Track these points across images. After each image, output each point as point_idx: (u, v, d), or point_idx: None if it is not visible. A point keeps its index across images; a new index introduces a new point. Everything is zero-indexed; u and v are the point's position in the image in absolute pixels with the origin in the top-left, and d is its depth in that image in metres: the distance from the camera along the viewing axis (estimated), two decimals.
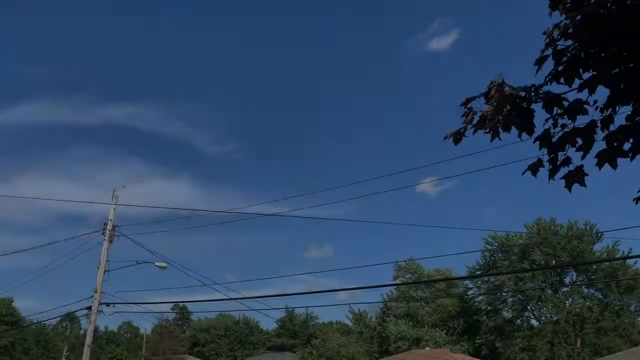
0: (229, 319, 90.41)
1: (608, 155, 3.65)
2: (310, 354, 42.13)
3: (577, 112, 3.60)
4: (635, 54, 3.30)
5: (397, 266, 74.23)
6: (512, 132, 3.89)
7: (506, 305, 61.57)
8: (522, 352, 55.75)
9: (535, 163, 3.74)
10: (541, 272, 57.09)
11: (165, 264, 22.43)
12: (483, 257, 63.42)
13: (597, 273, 57.20)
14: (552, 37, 3.92)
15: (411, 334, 64.23)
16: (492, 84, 3.68)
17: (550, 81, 3.79)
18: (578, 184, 3.70)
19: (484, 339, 61.13)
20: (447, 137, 3.89)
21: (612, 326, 54.33)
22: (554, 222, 59.97)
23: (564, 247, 55.92)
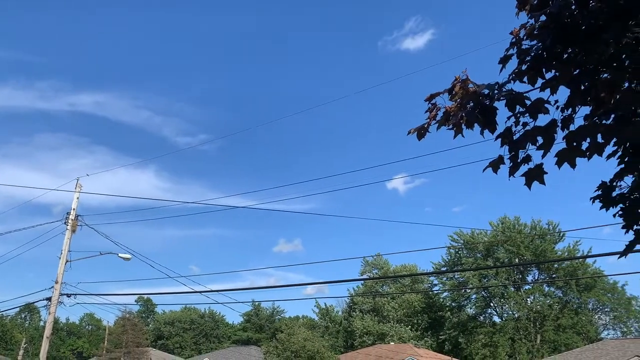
0: (194, 312, 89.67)
1: (567, 155, 3.71)
2: (276, 348, 42.05)
3: (538, 111, 3.64)
4: (595, 56, 3.36)
5: (365, 261, 74.87)
6: (475, 129, 3.92)
7: (470, 301, 62.78)
8: (484, 347, 56.94)
9: (496, 160, 3.77)
10: (504, 269, 58.37)
11: (129, 256, 22.03)
12: (448, 253, 64.46)
13: (558, 272, 58.80)
14: (519, 37, 3.96)
15: (376, 329, 64.87)
16: (456, 80, 3.70)
17: (513, 80, 3.82)
18: (538, 182, 3.75)
19: (447, 335, 62.16)
20: (410, 132, 3.90)
21: (570, 323, 55.94)
22: (518, 221, 61.32)
23: (527, 245, 57.26)
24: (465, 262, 61.14)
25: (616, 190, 4.00)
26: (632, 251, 4.09)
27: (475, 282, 59.07)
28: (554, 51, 3.56)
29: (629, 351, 37.28)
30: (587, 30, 3.29)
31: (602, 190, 4.04)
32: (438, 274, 65.95)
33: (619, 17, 3.18)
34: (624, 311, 59.48)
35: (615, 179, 3.95)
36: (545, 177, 3.80)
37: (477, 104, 3.68)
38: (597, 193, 4.10)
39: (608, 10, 3.19)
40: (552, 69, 3.73)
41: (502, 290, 58.49)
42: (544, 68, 3.74)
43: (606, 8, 3.21)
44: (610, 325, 62.15)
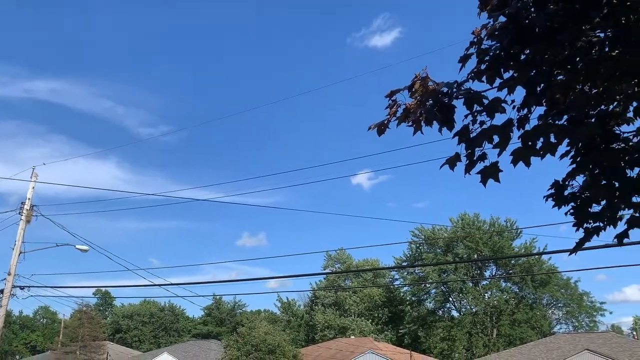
0: (153, 306, 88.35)
1: (522, 154, 3.78)
2: (236, 342, 41.80)
3: (495, 110, 3.70)
4: (550, 57, 3.43)
5: (328, 256, 75.26)
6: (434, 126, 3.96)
7: (429, 296, 63.90)
8: (442, 341, 58.13)
9: (452, 157, 3.82)
10: (463, 265, 59.68)
11: (86, 247, 21.52)
12: (410, 249, 65.44)
13: (515, 268, 60.47)
14: (480, 37, 4.01)
15: (338, 322, 65.35)
16: (416, 77, 3.72)
17: (472, 79, 3.87)
18: (493, 180, 3.82)
19: (407, 329, 63.15)
20: (371, 128, 3.91)
21: (525, 318, 57.62)
22: (477, 217, 62.73)
23: (485, 242, 58.64)
24: (425, 257, 62.16)
25: (568, 189, 4.11)
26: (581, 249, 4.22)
27: (435, 277, 60.17)
28: (511, 52, 3.62)
29: (579, 345, 38.67)
30: (543, 32, 3.35)
31: (555, 189, 4.14)
32: (399, 268, 66.88)
33: (574, 20, 3.25)
34: (576, 306, 61.62)
35: (567, 178, 4.06)
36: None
37: (436, 101, 3.71)
38: (550, 192, 4.21)
39: (564, 13, 3.26)
40: (510, 70, 3.79)
41: (460, 285, 59.80)
42: (502, 68, 3.80)
43: (562, 11, 3.28)
44: (563, 320, 64.40)
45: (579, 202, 4.00)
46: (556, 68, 3.55)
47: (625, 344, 39.70)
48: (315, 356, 46.58)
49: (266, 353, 40.47)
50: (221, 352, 44.32)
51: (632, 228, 3.89)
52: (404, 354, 43.81)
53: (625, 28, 3.42)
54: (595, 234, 4.18)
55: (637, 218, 3.85)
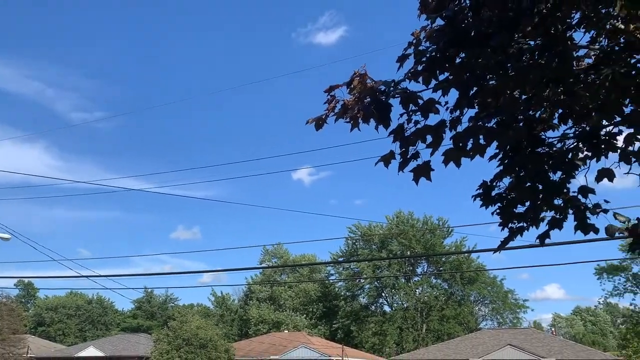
0: (80, 298, 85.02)
1: (453, 154, 3.90)
2: (167, 336, 40.94)
3: (429, 111, 3.79)
4: (483, 62, 3.55)
5: (265, 250, 75.07)
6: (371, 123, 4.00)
7: (363, 291, 65.10)
8: (374, 336, 59.39)
9: (387, 155, 3.89)
10: (397, 261, 61.14)
11: (8, 236, 20.45)
12: (346, 244, 66.32)
13: (445, 265, 62.63)
14: (419, 38, 4.09)
15: (272, 317, 65.35)
16: (355, 74, 3.75)
17: (409, 79, 3.94)
18: (424, 178, 3.91)
19: (340, 323, 64.04)
20: (309, 122, 3.90)
21: (453, 314, 59.77)
22: (411, 215, 64.48)
23: (418, 239, 60.36)
24: (361, 253, 63.26)
25: (495, 190, 4.28)
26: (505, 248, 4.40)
27: (370, 272, 61.36)
28: (447, 54, 3.71)
29: (503, 340, 40.54)
30: (478, 37, 3.46)
31: (482, 190, 4.30)
32: (335, 263, 67.65)
33: (506, 27, 3.37)
34: (501, 303, 64.57)
35: (495, 179, 4.23)
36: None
37: (374, 99, 3.75)
38: (478, 192, 4.36)
39: (498, 19, 3.38)
40: (445, 72, 3.89)
41: (393, 281, 61.27)
42: (438, 70, 3.90)
43: (496, 17, 3.39)
44: (489, 316, 67.30)
45: (505, 202, 4.17)
46: (488, 72, 3.68)
47: (544, 339, 42.03)
48: (247, 350, 46.35)
49: (197, 347, 39.88)
50: (151, 346, 43.25)
51: (553, 229, 4.10)
52: (336, 348, 44.38)
53: (553, 38, 3.58)
54: (519, 233, 4.38)
55: (558, 220, 4.06)
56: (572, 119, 4.20)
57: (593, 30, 4.04)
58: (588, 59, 4.25)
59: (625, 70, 3.71)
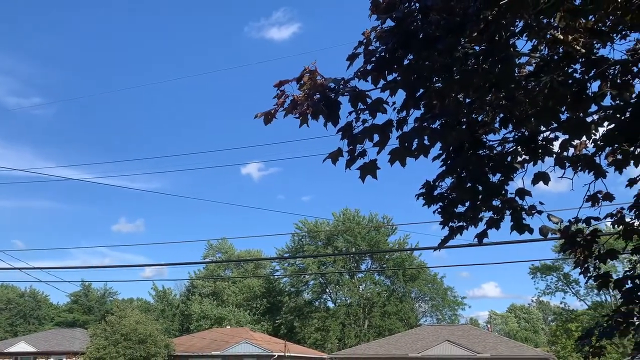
0: (12, 291, 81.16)
1: (399, 154, 3.98)
2: (104, 331, 39.73)
3: (377, 110, 3.84)
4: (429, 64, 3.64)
5: (209, 245, 74.09)
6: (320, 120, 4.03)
7: (308, 287, 65.35)
8: (316, 332, 59.79)
9: (335, 152, 3.92)
10: (342, 258, 61.77)
11: None
12: (292, 240, 66.41)
13: (389, 262, 63.84)
14: (369, 38, 4.14)
15: (214, 313, 64.62)
16: (305, 70, 3.76)
17: (358, 78, 3.99)
18: (371, 176, 3.97)
19: (283, 319, 64.08)
20: (257, 116, 3.88)
21: (395, 310, 60.97)
22: (357, 213, 65.28)
23: (363, 236, 61.19)
24: (307, 249, 63.48)
25: (437, 190, 4.41)
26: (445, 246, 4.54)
27: (315, 268, 61.68)
28: (396, 55, 3.78)
29: (441, 336, 41.73)
30: (425, 39, 3.54)
31: (425, 189, 4.42)
32: (280, 259, 67.61)
33: (453, 31, 3.47)
34: (441, 300, 66.43)
35: (437, 179, 4.35)
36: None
37: (323, 96, 3.77)
38: (421, 191, 4.48)
39: (445, 23, 3.46)
40: (394, 72, 3.97)
41: (338, 277, 61.86)
42: (387, 70, 3.96)
43: (444, 21, 3.48)
44: (428, 313, 69.11)
45: (446, 202, 4.31)
46: (435, 75, 3.77)
47: (480, 335, 43.57)
48: (188, 346, 45.64)
49: (136, 343, 38.95)
50: (87, 341, 41.88)
51: (490, 228, 4.27)
52: (279, 343, 44.39)
53: (497, 44, 3.72)
54: (458, 232, 4.53)
55: (496, 220, 4.23)
56: (512, 124, 4.38)
57: (535, 39, 4.23)
58: (529, 66, 4.44)
59: (563, 79, 3.90)
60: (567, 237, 4.71)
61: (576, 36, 4.20)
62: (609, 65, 4.09)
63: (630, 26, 4.33)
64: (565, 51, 4.12)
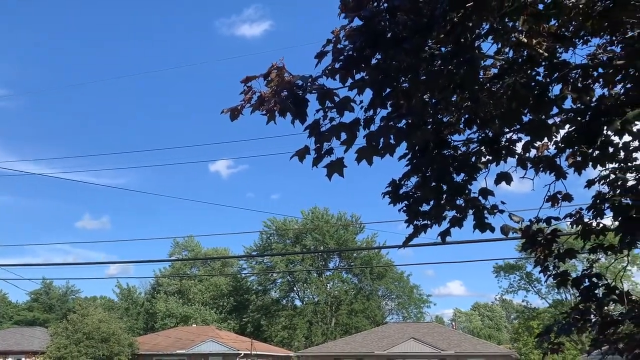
0: None
1: (366, 152, 4.00)
2: (65, 330, 38.82)
3: (345, 109, 3.85)
4: (396, 64, 3.67)
5: (175, 243, 73.16)
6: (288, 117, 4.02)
7: (275, 285, 65.21)
8: (283, 330, 59.73)
9: (302, 150, 3.92)
10: (310, 256, 61.85)
11: None
12: (260, 238, 66.15)
13: (356, 260, 64.24)
14: (338, 36, 4.15)
15: (180, 311, 63.89)
16: (273, 67, 3.74)
17: (326, 76, 3.99)
18: (338, 174, 3.98)
19: (250, 317, 63.81)
20: (223, 112, 3.85)
21: (362, 308, 61.39)
22: (326, 211, 65.50)
23: (332, 235, 61.40)
24: (275, 247, 63.33)
25: (403, 189, 4.45)
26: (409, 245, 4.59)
27: (283, 267, 61.59)
28: (363, 54, 3.80)
29: (406, 334, 42.24)
30: (392, 39, 3.56)
31: (391, 188, 4.46)
32: (248, 257, 67.27)
33: (420, 31, 3.50)
34: (407, 298, 67.19)
35: (403, 178, 4.40)
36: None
37: (291, 93, 3.76)
38: (387, 189, 4.52)
39: (412, 23, 3.50)
40: (361, 71, 3.99)
41: (306, 275, 61.92)
42: (355, 69, 3.98)
43: (411, 21, 3.51)
44: (395, 311, 69.80)
45: (411, 200, 4.36)
46: (401, 74, 3.80)
47: (445, 332, 44.29)
48: (153, 345, 44.99)
49: (99, 341, 38.19)
50: (47, 340, 40.83)
51: (453, 227, 4.34)
52: (245, 342, 44.17)
53: (462, 46, 3.77)
54: (423, 230, 4.59)
55: (459, 218, 4.30)
56: (476, 125, 4.45)
57: (499, 42, 4.31)
58: (494, 68, 4.52)
59: (525, 81, 3.99)
60: (528, 237, 4.83)
61: (540, 40, 4.30)
62: (571, 69, 4.20)
63: (591, 32, 4.46)
64: (529, 54, 4.21)
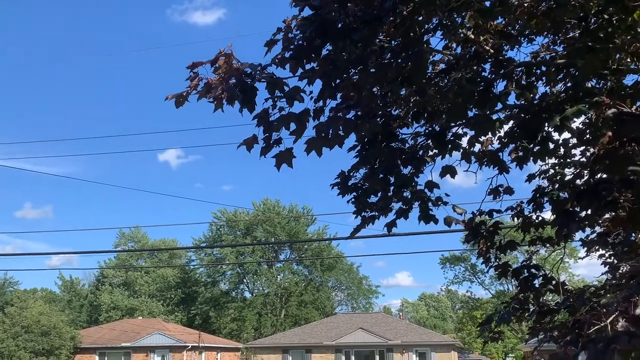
0: None
1: (315, 143, 3.99)
2: (2, 323, 37.24)
3: (294, 99, 3.82)
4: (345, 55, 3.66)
5: (121, 233, 71.28)
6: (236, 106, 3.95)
7: (225, 277, 64.70)
8: (232, 322, 59.42)
9: (250, 139, 3.86)
10: (260, 248, 61.62)
11: None
12: (210, 230, 65.35)
13: (307, 252, 64.50)
14: (290, 26, 4.10)
15: (126, 303, 62.47)
16: (221, 53, 3.66)
17: (276, 65, 3.95)
18: (286, 165, 3.96)
19: (198, 309, 63.10)
20: (168, 98, 3.74)
21: (312, 299, 61.79)
22: (278, 203, 65.37)
23: (283, 227, 61.37)
24: (225, 239, 62.75)
25: (352, 180, 4.48)
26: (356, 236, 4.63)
27: (232, 258, 61.14)
28: (313, 44, 3.77)
29: (355, 324, 42.82)
30: (342, 30, 3.55)
31: (340, 179, 4.48)
32: (197, 249, 66.35)
33: (370, 23, 3.51)
34: (356, 289, 68.09)
35: (352, 169, 4.42)
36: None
37: (239, 81, 3.70)
38: (336, 180, 4.53)
39: (362, 14, 3.50)
40: (312, 61, 3.96)
41: (256, 267, 61.68)
42: (305, 59, 3.95)
43: (360, 12, 3.51)
44: (344, 302, 70.64)
45: (360, 192, 4.39)
46: (351, 66, 3.80)
47: (392, 322, 45.20)
48: (96, 338, 43.76)
49: (39, 335, 36.84)
50: None
51: (399, 218, 4.40)
52: (193, 334, 43.64)
53: (411, 40, 3.81)
54: (371, 222, 4.64)
55: (404, 210, 4.36)
56: (424, 119, 4.52)
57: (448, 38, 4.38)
58: (443, 64, 4.60)
59: (471, 77, 4.07)
60: (471, 229, 4.96)
61: (487, 37, 4.40)
62: (515, 67, 4.32)
63: (536, 31, 4.60)
64: (475, 51, 4.30)
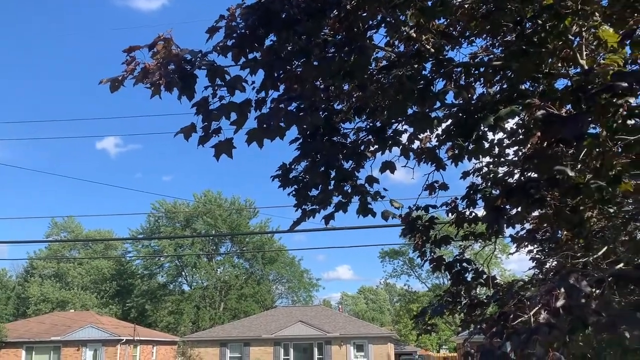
0: None
1: (256, 135, 3.94)
2: None
3: (235, 88, 3.75)
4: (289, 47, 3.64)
5: (53, 223, 68.34)
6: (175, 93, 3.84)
7: (162, 270, 63.35)
8: (169, 315, 58.26)
9: (188, 127, 3.76)
10: (200, 240, 60.65)
11: None
12: (148, 221, 63.72)
13: (249, 245, 64.06)
14: (234, 14, 4.02)
15: (56, 296, 60.02)
16: (159, 37, 3.54)
17: (218, 52, 3.87)
18: (226, 155, 3.88)
19: (134, 302, 61.50)
20: (102, 82, 3.58)
21: (252, 292, 61.49)
22: (220, 195, 64.54)
23: (224, 219, 60.64)
24: (163, 231, 61.36)
25: (293, 173, 4.46)
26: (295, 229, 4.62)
27: (171, 250, 59.87)
28: (257, 33, 3.72)
29: (294, 317, 42.97)
30: (286, 20, 3.52)
31: (281, 171, 4.45)
32: (133, 240, 64.50)
33: (313, 15, 3.49)
34: (297, 282, 68.33)
35: (293, 162, 4.40)
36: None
37: (178, 67, 3.59)
38: (277, 173, 4.51)
39: (306, 6, 3.47)
40: (255, 51, 3.90)
41: (195, 260, 60.69)
42: (248, 48, 3.89)
43: (304, 4, 3.49)
44: (285, 295, 70.77)
45: (301, 185, 4.38)
46: (294, 58, 3.78)
47: (332, 315, 45.65)
48: (23, 331, 41.77)
49: None
50: None
51: (338, 211, 4.43)
52: (128, 327, 42.46)
53: (354, 34, 3.82)
54: (311, 215, 4.64)
55: (343, 203, 4.40)
56: (365, 114, 4.56)
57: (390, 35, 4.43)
58: (386, 61, 4.65)
59: (412, 75, 4.13)
60: (407, 223, 5.06)
61: (429, 36, 4.48)
62: (454, 67, 4.43)
63: (476, 33, 4.73)
64: (417, 49, 4.37)
